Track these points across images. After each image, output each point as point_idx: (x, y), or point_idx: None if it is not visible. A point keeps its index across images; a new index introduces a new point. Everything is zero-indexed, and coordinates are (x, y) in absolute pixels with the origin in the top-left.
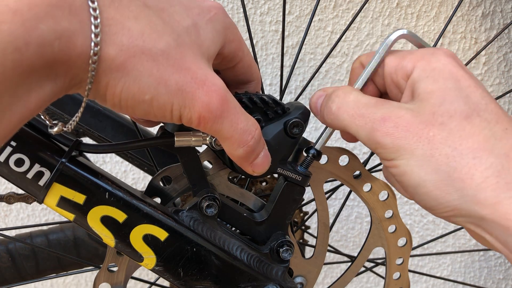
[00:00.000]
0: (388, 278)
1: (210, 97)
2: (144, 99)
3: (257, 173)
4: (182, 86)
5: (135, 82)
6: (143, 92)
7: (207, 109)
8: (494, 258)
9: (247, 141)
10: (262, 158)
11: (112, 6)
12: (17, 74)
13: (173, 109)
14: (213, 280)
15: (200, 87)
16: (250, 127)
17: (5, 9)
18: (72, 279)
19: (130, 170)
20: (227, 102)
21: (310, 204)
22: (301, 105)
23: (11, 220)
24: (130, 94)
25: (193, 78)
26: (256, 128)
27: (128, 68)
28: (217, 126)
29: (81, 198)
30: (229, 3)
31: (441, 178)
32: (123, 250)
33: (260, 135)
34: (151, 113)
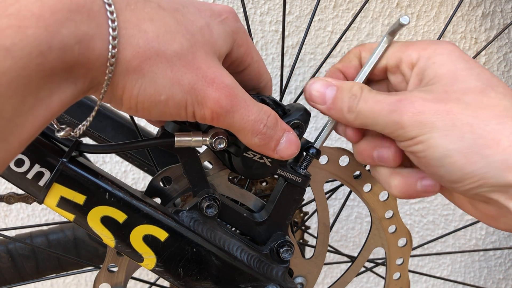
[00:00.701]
0: (388, 278)
1: (220, 93)
2: (160, 99)
3: (286, 157)
4: (194, 85)
5: (151, 83)
6: (159, 93)
7: (218, 105)
8: (494, 258)
9: (260, 130)
10: (285, 144)
11: (128, 9)
12: (41, 77)
13: (187, 106)
14: (213, 281)
15: (210, 85)
16: (262, 116)
17: (29, 15)
18: (72, 279)
19: (130, 170)
20: (236, 97)
21: (310, 204)
22: (301, 107)
23: (11, 220)
24: (146, 96)
25: (204, 77)
26: (268, 116)
27: (144, 70)
28: (229, 120)
29: (81, 199)
30: (229, 3)
31: (467, 146)
32: (123, 250)
33: (275, 121)
34: (167, 113)
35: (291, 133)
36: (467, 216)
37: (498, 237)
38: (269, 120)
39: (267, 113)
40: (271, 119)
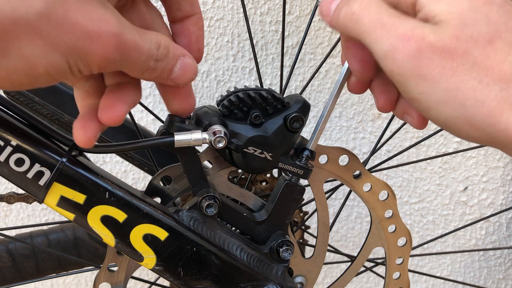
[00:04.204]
0: (388, 278)
1: (106, 47)
2: (38, 72)
3: (182, 84)
4: (74, 45)
5: (19, 60)
6: (34, 67)
7: (106, 59)
8: (494, 258)
9: (149, 66)
10: (180, 71)
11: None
12: None
13: (71, 68)
14: (213, 280)
15: (95, 41)
16: (152, 51)
17: None
18: (72, 279)
19: (130, 170)
20: (125, 44)
21: (310, 204)
22: (301, 98)
23: (11, 220)
24: (20, 73)
25: (84, 33)
26: (158, 47)
27: (4, 48)
28: (117, 67)
29: (81, 198)
30: (229, 3)
31: (470, 114)
32: (123, 249)
33: (165, 51)
34: (54, 80)
35: (186, 58)
36: (467, 216)
37: (498, 237)
38: (160, 52)
39: (157, 43)
40: (161, 50)
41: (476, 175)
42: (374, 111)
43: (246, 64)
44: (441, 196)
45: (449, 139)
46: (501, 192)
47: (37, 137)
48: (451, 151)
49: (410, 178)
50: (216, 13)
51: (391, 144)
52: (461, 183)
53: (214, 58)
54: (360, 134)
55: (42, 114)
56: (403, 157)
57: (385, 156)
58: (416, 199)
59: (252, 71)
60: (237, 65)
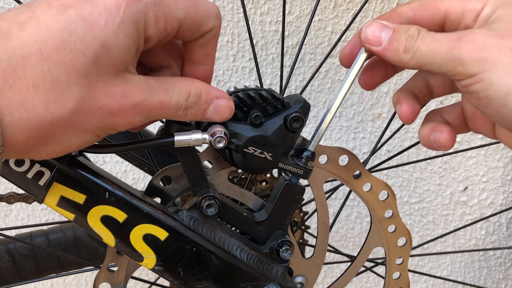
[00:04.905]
0: (388, 278)
1: (129, 117)
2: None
3: (219, 121)
4: (100, 125)
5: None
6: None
7: (131, 124)
8: (494, 258)
9: (179, 115)
10: (213, 112)
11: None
12: None
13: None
14: (213, 280)
15: (118, 115)
16: (181, 102)
17: None
18: (72, 279)
19: (130, 170)
20: (148, 109)
21: (310, 204)
22: (301, 98)
23: (11, 220)
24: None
25: (109, 112)
26: (187, 96)
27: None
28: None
29: (81, 198)
30: (229, 3)
31: None
32: (123, 249)
33: (196, 98)
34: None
35: (220, 100)
36: (467, 216)
37: (498, 237)
38: (189, 101)
39: (187, 93)
40: (191, 98)
41: (476, 175)
42: (374, 111)
43: (246, 64)
44: (441, 196)
45: None
46: (501, 192)
47: None
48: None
49: (410, 178)
50: None
51: (391, 144)
52: (461, 183)
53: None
54: (360, 134)
55: None
56: (403, 157)
57: (385, 156)
58: (416, 199)
59: (252, 71)
60: (237, 65)
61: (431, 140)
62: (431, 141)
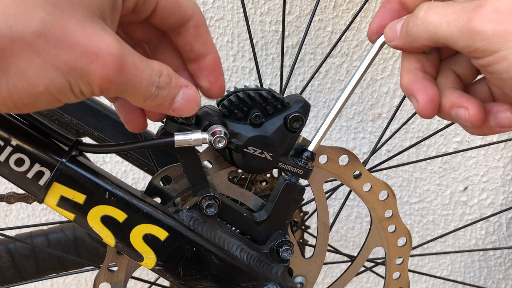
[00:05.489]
0: (388, 277)
1: (107, 68)
2: (39, 91)
3: (184, 115)
4: (74, 64)
5: (19, 78)
6: (35, 85)
7: (107, 80)
8: (494, 258)
9: (151, 93)
10: (182, 101)
11: None
12: None
13: (72, 87)
14: (213, 280)
15: (95, 61)
16: (154, 78)
17: None
18: (72, 279)
19: (130, 170)
20: (126, 66)
21: (310, 204)
22: (301, 98)
23: (11, 220)
24: (21, 92)
25: (84, 52)
26: (160, 75)
27: (3, 65)
28: (120, 91)
29: (81, 198)
30: (229, 3)
31: None
32: (123, 249)
33: (167, 79)
34: (55, 100)
35: (188, 89)
36: (467, 216)
37: (498, 237)
38: (161, 80)
39: (159, 71)
40: (163, 78)
41: (476, 175)
42: (374, 111)
43: (246, 64)
44: (441, 196)
45: (449, 139)
46: (501, 192)
47: (37, 137)
48: (451, 151)
49: (410, 178)
50: (216, 13)
51: (391, 144)
52: (461, 183)
53: None
54: (360, 134)
55: (42, 114)
56: (403, 157)
57: (385, 156)
58: (416, 199)
59: (252, 71)
60: (237, 65)
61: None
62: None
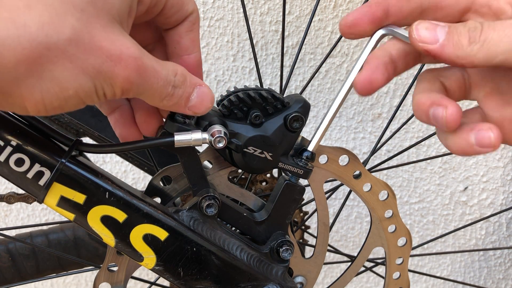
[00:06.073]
0: (388, 278)
1: (129, 70)
2: (69, 95)
3: (200, 113)
4: (99, 68)
5: (52, 83)
6: (66, 89)
7: (128, 81)
8: (494, 258)
9: (168, 93)
10: (197, 99)
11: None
12: None
13: (97, 91)
14: (213, 280)
15: (118, 64)
16: (170, 78)
17: None
18: (72, 279)
19: (130, 170)
20: (145, 68)
21: (310, 204)
22: (301, 98)
23: (11, 220)
24: (53, 96)
25: (108, 56)
26: (175, 74)
27: (39, 72)
28: (139, 92)
29: (81, 198)
30: (229, 3)
31: None
32: (123, 249)
33: (183, 78)
34: (81, 103)
35: (202, 87)
36: (467, 216)
37: (498, 237)
38: (177, 79)
39: (174, 71)
40: (178, 77)
41: (476, 175)
42: (374, 111)
43: (246, 64)
44: (441, 196)
45: None
46: (501, 192)
47: (37, 137)
48: None
49: (410, 178)
50: (216, 13)
51: (391, 144)
52: (461, 183)
53: (214, 58)
54: (360, 134)
55: None
56: (403, 157)
57: (385, 156)
58: (416, 199)
59: (252, 71)
60: (237, 65)
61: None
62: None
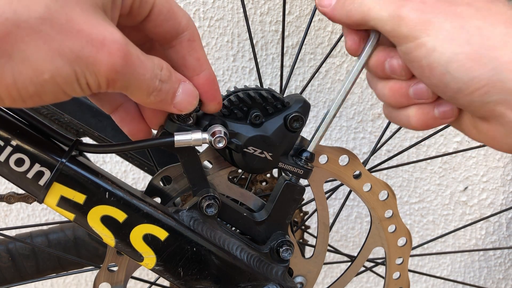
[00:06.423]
0: (388, 278)
1: (113, 57)
2: (44, 79)
3: (185, 110)
4: (79, 52)
5: (25, 64)
6: (41, 72)
7: (114, 70)
8: (494, 258)
9: (155, 87)
10: (182, 95)
11: None
12: None
13: (79, 78)
14: (213, 280)
15: (100, 49)
16: (156, 71)
17: None
18: (72, 279)
19: (130, 170)
20: (130, 56)
21: (310, 204)
22: (300, 98)
23: (11, 220)
24: (26, 79)
25: (89, 40)
26: (161, 68)
27: (8, 51)
28: (125, 85)
29: (81, 198)
30: (229, 3)
31: (475, 49)
32: (123, 249)
33: (168, 73)
34: (61, 92)
35: (187, 83)
36: (467, 216)
37: (498, 237)
38: (163, 73)
39: (160, 65)
40: (164, 71)
41: (476, 175)
42: (374, 111)
43: (246, 64)
44: (441, 196)
45: (449, 139)
46: (501, 192)
47: (37, 137)
48: (451, 151)
49: (410, 178)
50: (216, 13)
51: (391, 144)
52: (461, 183)
53: (214, 58)
54: (360, 134)
55: (42, 114)
56: (403, 157)
57: (385, 156)
58: (416, 199)
59: (252, 71)
60: (237, 65)
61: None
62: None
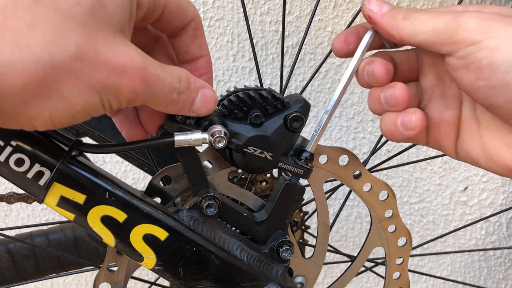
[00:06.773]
0: (388, 278)
1: (134, 81)
2: (77, 111)
3: (203, 114)
4: (105, 82)
5: (60, 101)
6: (73, 106)
7: (134, 92)
8: (494, 258)
9: (173, 99)
10: (200, 102)
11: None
12: None
13: (103, 103)
14: (213, 280)
15: (123, 76)
16: (175, 84)
17: None
18: (72, 279)
19: (130, 170)
20: (150, 78)
21: (310, 204)
22: (300, 98)
23: (11, 220)
24: (61, 114)
25: (113, 69)
26: (180, 80)
27: (46, 91)
28: (144, 101)
29: (81, 198)
30: (229, 3)
31: None
32: (123, 249)
33: (187, 84)
34: (88, 116)
35: (206, 89)
36: (467, 216)
37: (498, 237)
38: (181, 85)
39: (179, 77)
40: (183, 83)
41: (476, 175)
42: None
43: (246, 64)
44: (441, 196)
45: None
46: (501, 192)
47: (37, 137)
48: None
49: (410, 178)
50: (216, 13)
51: (391, 144)
52: (461, 183)
53: (214, 58)
54: (360, 134)
55: None
56: (403, 157)
57: (385, 156)
58: (416, 199)
59: (252, 71)
60: (237, 65)
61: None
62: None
